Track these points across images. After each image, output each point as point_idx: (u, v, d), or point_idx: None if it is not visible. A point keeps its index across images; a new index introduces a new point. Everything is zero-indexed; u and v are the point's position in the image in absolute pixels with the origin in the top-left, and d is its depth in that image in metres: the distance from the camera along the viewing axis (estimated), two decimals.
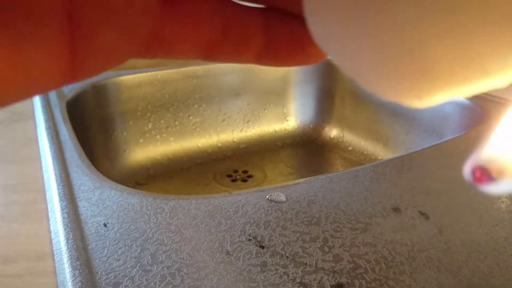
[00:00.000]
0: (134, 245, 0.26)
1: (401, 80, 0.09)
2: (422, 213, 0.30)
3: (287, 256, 0.25)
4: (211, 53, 0.12)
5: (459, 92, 0.09)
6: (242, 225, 0.28)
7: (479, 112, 0.51)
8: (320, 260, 0.25)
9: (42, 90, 0.09)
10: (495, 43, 0.08)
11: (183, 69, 0.69)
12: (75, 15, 0.09)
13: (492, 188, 0.11)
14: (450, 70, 0.08)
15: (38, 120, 0.48)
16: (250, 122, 0.76)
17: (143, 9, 0.10)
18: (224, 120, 0.74)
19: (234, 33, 0.12)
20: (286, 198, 0.31)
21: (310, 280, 0.24)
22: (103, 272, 0.24)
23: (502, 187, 0.11)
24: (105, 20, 0.09)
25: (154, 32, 0.11)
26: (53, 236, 0.28)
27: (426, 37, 0.08)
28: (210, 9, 0.12)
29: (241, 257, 0.25)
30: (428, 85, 0.09)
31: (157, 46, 0.11)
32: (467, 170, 0.11)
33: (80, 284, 0.23)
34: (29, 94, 0.09)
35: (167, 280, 0.23)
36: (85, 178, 0.34)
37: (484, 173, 0.11)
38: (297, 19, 0.12)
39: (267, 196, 0.31)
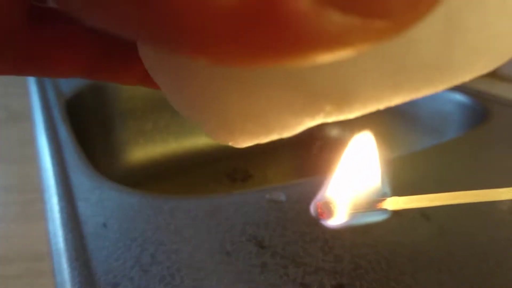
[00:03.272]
0: (134, 245, 0.26)
1: (210, 125, 0.11)
2: (422, 214, 0.30)
3: (287, 257, 0.25)
4: (93, 75, 0.12)
5: (258, 139, 0.11)
6: (242, 225, 0.28)
7: (479, 112, 0.51)
8: (320, 261, 0.25)
9: None
10: (272, 105, 0.09)
11: None
12: None
13: (333, 223, 0.12)
14: (242, 122, 0.10)
15: (37, 120, 0.47)
16: None
17: (4, 32, 0.10)
18: None
19: (115, 58, 0.12)
20: (287, 198, 0.31)
21: (311, 281, 0.23)
22: (102, 273, 0.24)
23: (340, 222, 0.12)
24: None
25: (21, 53, 0.11)
26: (51, 236, 0.27)
27: (223, 95, 0.10)
28: (88, 33, 0.12)
29: (241, 257, 0.25)
30: (226, 132, 0.11)
31: (29, 66, 0.11)
32: (313, 208, 0.13)
33: (79, 284, 0.23)
34: None
35: (167, 280, 0.23)
36: (84, 178, 0.34)
37: (325, 209, 0.12)
38: None
39: (267, 196, 0.31)
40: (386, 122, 0.66)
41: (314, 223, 0.28)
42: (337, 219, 0.12)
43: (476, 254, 0.26)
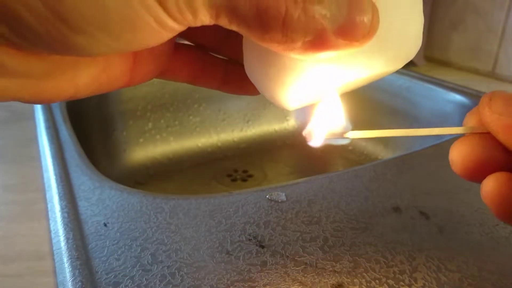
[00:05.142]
0: (134, 245, 0.26)
1: (270, 87, 0.19)
2: (422, 213, 0.30)
3: (287, 256, 0.25)
4: (193, 81, 0.24)
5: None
6: (242, 224, 0.28)
7: None
8: (320, 260, 0.25)
9: (111, 90, 0.20)
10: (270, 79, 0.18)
11: None
12: (137, 56, 0.20)
13: (314, 144, 0.20)
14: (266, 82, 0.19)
15: (38, 119, 0.48)
16: (250, 122, 0.76)
17: (165, 54, 0.22)
18: (224, 119, 0.74)
19: (207, 71, 0.24)
20: (286, 197, 0.31)
21: (311, 280, 0.24)
22: (103, 272, 0.24)
23: (318, 143, 0.20)
24: (150, 59, 0.21)
25: (166, 65, 0.22)
26: (53, 235, 0.28)
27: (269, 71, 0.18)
28: (196, 56, 0.24)
29: (241, 256, 0.25)
30: (272, 88, 0.19)
31: (166, 73, 0.23)
32: (304, 133, 0.20)
33: (80, 283, 0.23)
34: (105, 90, 0.20)
35: (167, 279, 0.23)
36: (85, 178, 0.34)
37: (309, 135, 0.20)
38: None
39: (267, 196, 0.31)
40: (386, 122, 0.66)
41: (314, 222, 0.29)
42: (316, 142, 0.20)
43: (475, 253, 0.26)
